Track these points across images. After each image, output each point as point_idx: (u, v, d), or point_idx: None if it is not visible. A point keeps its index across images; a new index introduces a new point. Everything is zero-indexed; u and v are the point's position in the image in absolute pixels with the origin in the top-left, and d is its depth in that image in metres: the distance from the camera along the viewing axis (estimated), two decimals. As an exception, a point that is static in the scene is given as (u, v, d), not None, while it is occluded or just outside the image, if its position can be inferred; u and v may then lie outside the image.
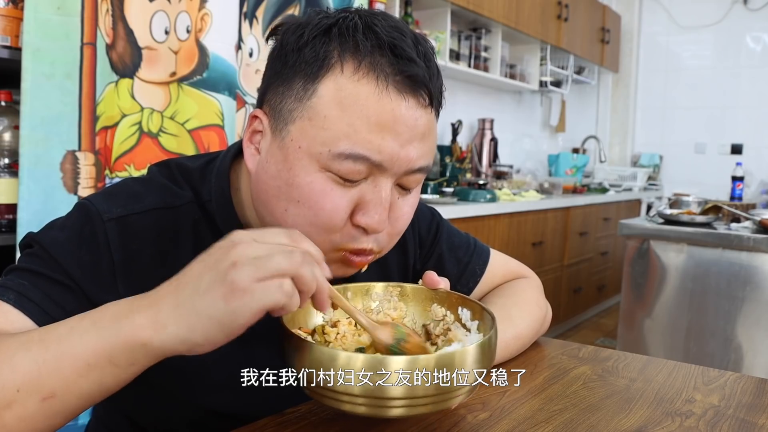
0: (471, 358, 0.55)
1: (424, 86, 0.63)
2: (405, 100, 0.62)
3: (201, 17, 1.65)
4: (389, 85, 0.61)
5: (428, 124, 0.65)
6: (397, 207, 0.67)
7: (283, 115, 0.64)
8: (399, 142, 0.62)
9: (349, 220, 0.65)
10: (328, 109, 0.61)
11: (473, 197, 2.90)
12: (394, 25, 0.64)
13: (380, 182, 0.64)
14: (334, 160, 0.61)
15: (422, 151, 0.65)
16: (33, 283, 0.62)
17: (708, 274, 2.38)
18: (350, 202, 0.64)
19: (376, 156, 0.61)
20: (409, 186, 0.67)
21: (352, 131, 0.61)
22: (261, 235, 0.52)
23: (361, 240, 0.66)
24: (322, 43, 0.62)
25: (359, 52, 0.61)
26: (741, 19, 4.75)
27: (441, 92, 0.68)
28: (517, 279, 0.98)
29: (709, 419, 0.69)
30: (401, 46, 0.62)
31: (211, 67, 1.67)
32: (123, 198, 0.70)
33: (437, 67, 0.66)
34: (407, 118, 0.62)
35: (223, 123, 1.70)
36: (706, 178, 4.84)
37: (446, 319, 0.69)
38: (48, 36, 1.36)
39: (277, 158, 0.64)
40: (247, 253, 0.49)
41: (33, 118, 1.35)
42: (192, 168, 0.75)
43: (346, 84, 0.61)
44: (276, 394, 0.73)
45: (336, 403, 0.55)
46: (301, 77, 0.63)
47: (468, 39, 3.48)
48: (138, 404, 0.75)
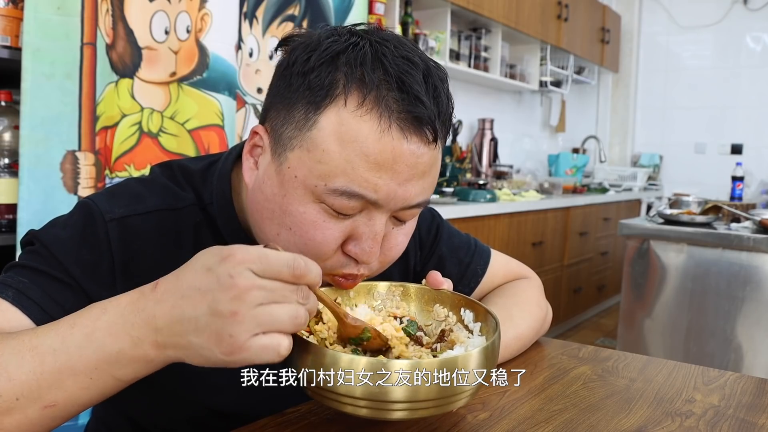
0: (474, 362, 0.55)
1: (429, 124, 0.61)
2: (407, 139, 0.60)
3: (201, 17, 1.65)
4: (392, 124, 0.59)
5: (431, 161, 0.63)
6: (391, 237, 0.67)
7: (283, 141, 0.63)
8: (397, 181, 0.61)
9: (340, 248, 0.64)
10: (328, 143, 0.60)
11: (473, 197, 2.90)
12: (405, 55, 0.62)
13: (374, 216, 0.63)
14: (329, 195, 0.60)
15: (421, 188, 0.64)
16: (33, 281, 0.62)
17: (708, 274, 2.38)
18: (342, 233, 0.63)
19: (372, 195, 0.60)
20: (405, 219, 0.67)
21: (350, 168, 0.59)
22: (264, 266, 0.49)
23: (351, 266, 0.66)
24: (328, 72, 0.60)
25: (365, 86, 0.59)
26: (741, 19, 4.75)
27: (449, 120, 0.65)
28: (518, 279, 0.98)
29: (709, 419, 0.69)
30: (409, 82, 0.60)
31: (211, 67, 1.67)
32: (125, 198, 0.70)
33: (447, 97, 0.64)
34: (408, 158, 0.60)
35: (223, 123, 1.70)
36: (706, 178, 4.84)
37: (448, 320, 0.69)
38: (48, 36, 1.36)
39: (273, 182, 0.64)
40: (249, 300, 0.48)
41: (33, 118, 1.35)
42: (194, 170, 0.75)
43: (348, 118, 0.59)
44: (276, 394, 0.73)
45: (337, 404, 0.55)
46: (304, 105, 0.61)
47: (468, 39, 3.48)
48: (138, 404, 0.75)
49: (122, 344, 0.51)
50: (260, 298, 0.48)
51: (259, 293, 0.48)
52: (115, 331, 0.51)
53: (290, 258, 0.50)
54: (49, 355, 0.52)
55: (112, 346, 0.51)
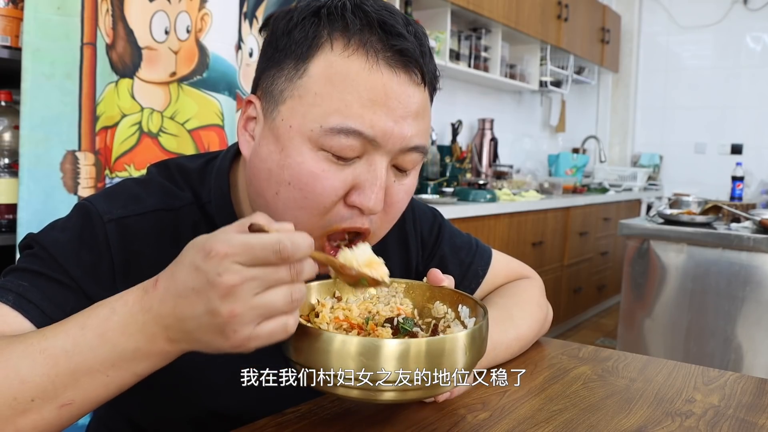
0: (461, 343, 0.57)
1: (415, 62, 0.62)
2: (396, 75, 0.61)
3: (201, 17, 1.65)
4: (380, 60, 0.61)
5: (422, 103, 0.64)
6: (393, 191, 0.66)
7: (274, 97, 0.64)
8: (392, 118, 0.61)
9: (343, 201, 0.64)
10: (319, 86, 0.61)
11: (473, 197, 2.90)
12: (383, 5, 0.64)
13: (375, 161, 0.63)
14: (326, 136, 0.60)
15: (417, 129, 0.64)
16: (33, 284, 0.62)
17: (708, 274, 2.38)
18: (344, 183, 0.62)
19: (369, 131, 0.60)
20: (405, 167, 0.66)
21: (344, 106, 0.60)
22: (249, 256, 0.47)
23: (355, 219, 0.65)
24: (311, 24, 0.62)
25: (348, 30, 0.61)
26: (741, 19, 4.75)
27: (435, 74, 0.67)
28: (519, 279, 0.98)
29: (709, 419, 0.69)
30: (391, 22, 0.62)
31: (211, 67, 1.67)
32: (123, 199, 0.70)
33: (429, 50, 0.66)
34: (399, 94, 0.61)
35: (223, 123, 1.70)
36: (706, 178, 4.84)
37: (447, 317, 0.70)
38: (48, 36, 1.36)
39: (268, 140, 0.64)
40: (243, 296, 0.47)
41: (33, 118, 1.35)
42: (191, 169, 0.75)
43: (336, 61, 0.61)
44: (276, 393, 0.73)
45: (330, 387, 0.56)
46: (292, 58, 0.63)
47: (468, 39, 3.48)
48: (139, 405, 0.75)
49: (138, 342, 0.51)
50: (253, 288, 0.48)
51: (250, 285, 0.48)
52: (129, 331, 0.51)
53: (275, 241, 0.48)
54: (62, 357, 0.51)
55: (127, 345, 0.51)
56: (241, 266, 0.47)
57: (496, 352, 0.80)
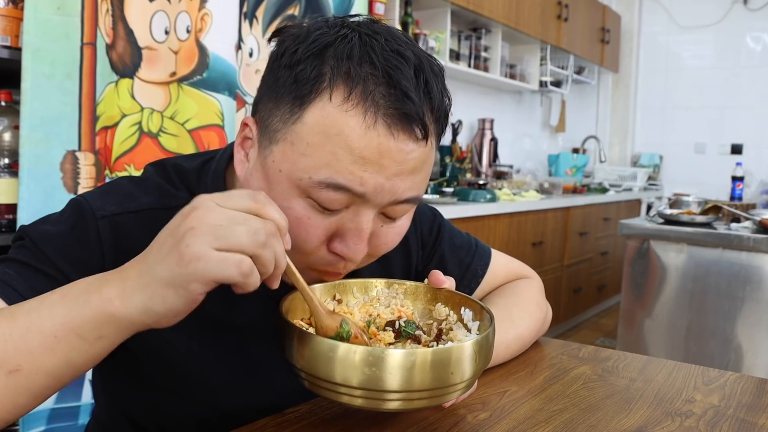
0: (467, 353, 0.56)
1: (418, 121, 0.59)
2: (394, 136, 0.58)
3: (201, 17, 1.65)
4: (378, 119, 0.57)
5: (422, 157, 0.61)
6: (381, 234, 0.65)
7: (269, 134, 0.62)
8: (384, 175, 0.59)
9: (326, 246, 0.64)
10: (312, 136, 0.58)
11: (473, 197, 2.90)
12: (395, 48, 0.60)
13: (361, 212, 0.61)
14: (314, 188, 0.59)
15: (411, 183, 0.61)
16: (19, 274, 0.62)
17: (708, 274, 2.38)
18: (326, 231, 0.62)
19: (359, 188, 0.59)
20: (395, 216, 0.64)
21: (334, 160, 0.58)
22: (225, 199, 0.50)
23: (337, 265, 0.65)
24: (315, 66, 0.59)
25: (351, 80, 0.58)
26: (741, 19, 4.75)
27: (445, 115, 0.63)
28: (518, 279, 0.98)
29: (709, 419, 0.69)
30: (397, 77, 0.58)
31: (211, 67, 1.67)
32: (118, 197, 0.70)
33: (442, 92, 0.62)
34: (395, 154, 0.58)
35: (223, 123, 1.70)
36: (706, 178, 4.84)
37: (449, 319, 0.69)
38: (48, 36, 1.36)
39: (259, 175, 0.64)
40: (207, 220, 0.48)
41: (33, 118, 1.35)
42: (188, 169, 0.75)
43: (333, 113, 0.58)
44: (277, 392, 0.73)
45: (334, 395, 0.56)
46: (290, 99, 0.60)
47: (468, 39, 3.48)
48: (138, 403, 0.75)
49: (91, 299, 0.50)
50: (219, 216, 0.49)
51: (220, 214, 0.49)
52: (89, 289, 0.51)
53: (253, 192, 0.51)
54: (22, 315, 0.51)
55: (80, 302, 0.51)
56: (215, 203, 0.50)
57: (495, 352, 0.80)
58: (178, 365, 0.69)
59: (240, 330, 0.71)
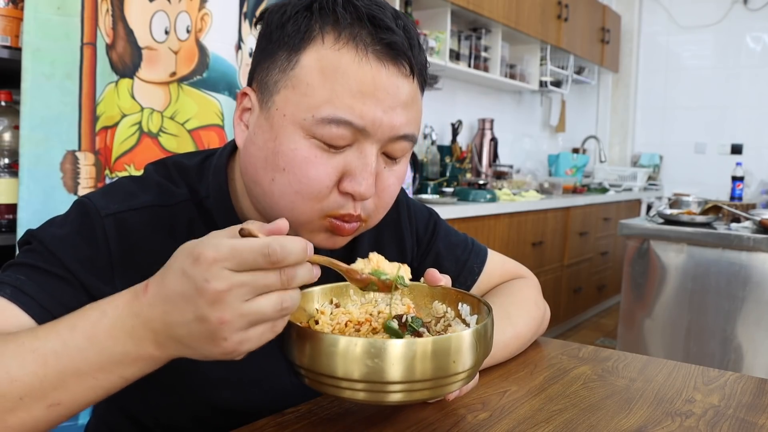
0: (467, 343, 0.57)
1: (403, 55, 0.64)
2: (385, 67, 0.63)
3: (201, 17, 1.65)
4: (369, 53, 0.63)
5: (411, 94, 0.66)
6: (384, 177, 0.68)
7: (269, 87, 0.66)
8: (381, 108, 0.63)
9: (336, 188, 0.65)
10: (310, 77, 0.63)
11: (473, 197, 2.90)
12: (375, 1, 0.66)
13: (365, 149, 0.65)
14: (318, 126, 0.62)
15: (406, 119, 0.66)
16: (30, 277, 0.62)
17: (708, 274, 2.38)
18: (335, 169, 0.64)
19: (359, 121, 0.62)
20: (395, 155, 0.68)
21: (334, 96, 0.62)
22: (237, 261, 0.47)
23: (348, 206, 0.66)
24: (304, 18, 0.64)
25: (339, 24, 0.63)
26: (741, 19, 4.75)
27: (424, 66, 0.69)
28: (515, 279, 0.98)
29: (709, 419, 0.69)
30: (380, 16, 0.63)
31: (211, 67, 1.67)
32: (120, 195, 0.70)
33: (419, 42, 0.67)
34: (388, 86, 0.63)
35: (223, 123, 1.70)
36: (706, 178, 4.84)
37: (447, 316, 0.70)
38: (48, 36, 1.36)
39: (263, 129, 0.66)
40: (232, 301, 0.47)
41: (33, 118, 1.35)
42: (189, 166, 0.76)
43: (327, 53, 0.63)
44: (277, 389, 0.73)
45: (336, 390, 0.56)
46: (285, 50, 0.65)
47: (468, 39, 3.48)
48: (139, 402, 0.75)
49: (125, 346, 0.51)
50: (242, 295, 0.47)
51: (239, 291, 0.47)
52: (117, 335, 0.51)
53: (264, 245, 0.47)
54: (51, 358, 0.52)
55: (115, 348, 0.51)
56: (229, 272, 0.47)
57: (494, 351, 0.80)
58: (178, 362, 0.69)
59: None
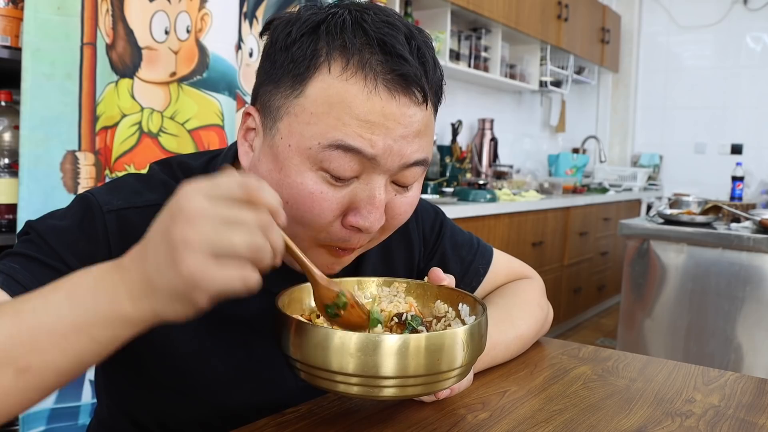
0: (459, 339, 0.57)
1: (416, 84, 0.61)
2: (395, 99, 0.60)
3: (201, 17, 1.65)
4: (378, 84, 0.59)
5: (424, 121, 0.63)
6: (395, 205, 0.66)
7: (272, 113, 0.63)
8: (392, 137, 0.60)
9: (340, 221, 0.64)
10: (315, 106, 0.60)
11: (473, 197, 2.90)
12: (385, 20, 0.62)
13: (372, 180, 0.62)
14: (325, 153, 0.59)
15: (418, 146, 0.63)
16: (24, 267, 0.61)
17: (708, 274, 2.38)
18: (340, 204, 0.62)
19: (369, 149, 0.59)
20: (406, 182, 0.65)
21: (341, 125, 0.59)
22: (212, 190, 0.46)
23: (353, 240, 0.65)
24: (310, 42, 0.61)
25: (347, 50, 0.60)
26: (741, 19, 4.75)
27: (439, 86, 0.65)
28: (519, 279, 0.98)
29: (709, 419, 0.69)
30: (391, 43, 0.60)
31: (211, 67, 1.67)
32: (124, 192, 0.70)
33: (434, 61, 0.64)
34: (399, 116, 0.60)
35: (223, 123, 1.70)
36: (706, 178, 4.84)
37: (447, 316, 0.70)
38: (48, 36, 1.36)
39: (268, 158, 0.64)
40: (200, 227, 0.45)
41: (33, 118, 1.35)
42: (194, 166, 0.75)
43: (333, 83, 0.59)
44: (278, 389, 0.73)
45: (330, 384, 0.56)
46: (289, 77, 0.61)
47: (468, 39, 3.48)
48: (140, 403, 0.75)
49: (100, 301, 0.49)
50: (211, 219, 0.45)
51: (209, 214, 0.45)
52: (95, 289, 0.49)
53: (241, 178, 0.47)
54: (28, 314, 0.50)
55: (89, 304, 0.49)
56: (203, 197, 0.45)
57: (495, 352, 0.80)
58: (181, 362, 0.70)
59: (242, 325, 0.72)
